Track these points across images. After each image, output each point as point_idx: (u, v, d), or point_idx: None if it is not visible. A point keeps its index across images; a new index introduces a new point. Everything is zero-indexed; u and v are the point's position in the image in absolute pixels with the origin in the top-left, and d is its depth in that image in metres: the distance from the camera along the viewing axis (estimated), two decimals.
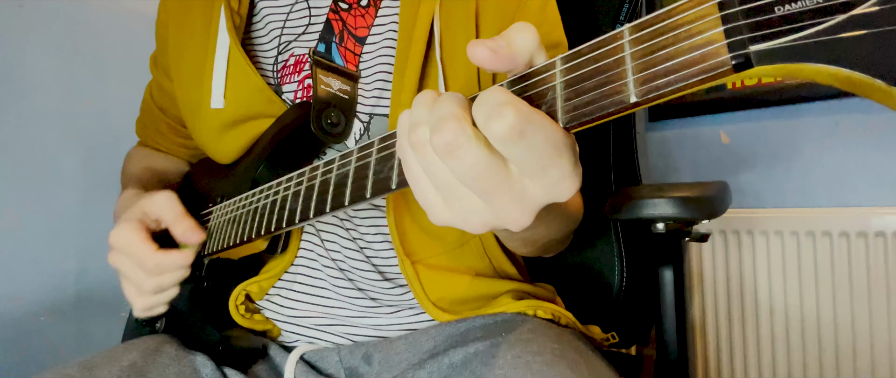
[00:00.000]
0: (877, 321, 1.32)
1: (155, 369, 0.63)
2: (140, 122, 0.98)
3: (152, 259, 0.65)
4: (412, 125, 0.36)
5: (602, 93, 0.31)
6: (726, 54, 0.27)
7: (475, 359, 0.60)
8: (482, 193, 0.34)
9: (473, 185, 0.34)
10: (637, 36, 0.31)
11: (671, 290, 0.79)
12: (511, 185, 0.34)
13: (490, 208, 0.35)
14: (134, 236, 0.66)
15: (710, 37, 0.28)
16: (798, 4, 0.26)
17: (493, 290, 0.75)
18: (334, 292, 0.73)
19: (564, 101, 0.33)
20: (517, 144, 0.32)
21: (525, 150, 0.32)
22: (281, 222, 0.57)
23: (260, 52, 0.77)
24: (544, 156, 0.33)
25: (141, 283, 0.66)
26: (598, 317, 0.87)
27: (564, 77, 0.34)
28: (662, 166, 1.67)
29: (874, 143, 1.36)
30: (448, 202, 0.37)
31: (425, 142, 0.35)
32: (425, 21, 0.70)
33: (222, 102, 0.72)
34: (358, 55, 0.74)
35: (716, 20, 0.28)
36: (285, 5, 0.77)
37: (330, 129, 0.69)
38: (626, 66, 0.31)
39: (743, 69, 0.27)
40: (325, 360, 0.73)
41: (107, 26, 1.44)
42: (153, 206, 0.69)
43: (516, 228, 0.36)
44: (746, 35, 0.27)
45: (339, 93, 0.70)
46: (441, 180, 0.35)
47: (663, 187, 0.72)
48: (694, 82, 0.28)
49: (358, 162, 0.47)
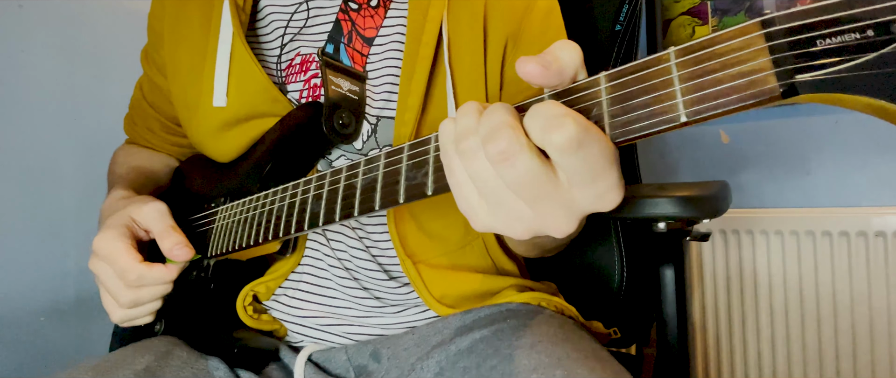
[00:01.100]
0: (877, 320, 1.32)
1: (169, 372, 0.62)
2: (129, 120, 0.96)
3: (134, 271, 0.62)
4: (461, 134, 0.37)
5: (651, 111, 0.34)
6: (775, 82, 0.30)
7: (481, 343, 0.61)
8: (531, 201, 0.36)
9: (523, 192, 0.35)
10: (684, 59, 0.33)
11: (672, 289, 0.79)
12: (560, 193, 0.36)
13: (537, 215, 0.37)
14: (118, 244, 0.63)
15: (759, 65, 0.30)
16: (838, 39, 0.28)
17: (496, 286, 0.75)
18: (340, 292, 0.73)
19: (611, 116, 0.35)
20: (575, 154, 0.33)
21: (580, 161, 0.34)
22: (302, 225, 0.56)
23: (264, 50, 0.77)
24: (596, 166, 0.34)
25: (118, 294, 0.64)
26: (598, 315, 0.88)
27: (611, 94, 0.35)
28: (662, 166, 1.67)
29: (874, 143, 1.36)
30: (493, 209, 0.38)
31: (475, 149, 0.36)
32: (434, 25, 0.70)
33: (224, 101, 0.71)
34: (365, 56, 0.74)
35: (764, 50, 0.30)
36: (291, 4, 0.77)
37: (341, 129, 0.69)
38: (675, 87, 0.33)
39: (789, 96, 0.30)
40: (332, 360, 0.73)
41: (107, 26, 1.44)
42: (142, 215, 0.66)
43: (560, 235, 0.37)
44: (792, 65, 0.29)
45: (349, 93, 0.70)
46: (489, 187, 0.37)
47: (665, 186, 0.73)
48: (744, 106, 0.31)
49: (387, 167, 0.48)
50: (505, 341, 0.59)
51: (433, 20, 0.70)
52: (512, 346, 0.57)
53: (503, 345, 0.58)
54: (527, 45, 0.75)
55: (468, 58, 0.72)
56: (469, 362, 0.59)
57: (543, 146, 0.34)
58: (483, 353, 0.58)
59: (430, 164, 0.44)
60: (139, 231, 0.67)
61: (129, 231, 0.65)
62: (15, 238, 1.32)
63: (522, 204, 0.37)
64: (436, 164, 0.43)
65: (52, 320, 1.37)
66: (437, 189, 0.43)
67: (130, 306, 0.65)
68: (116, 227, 0.65)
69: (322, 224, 0.54)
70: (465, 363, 0.59)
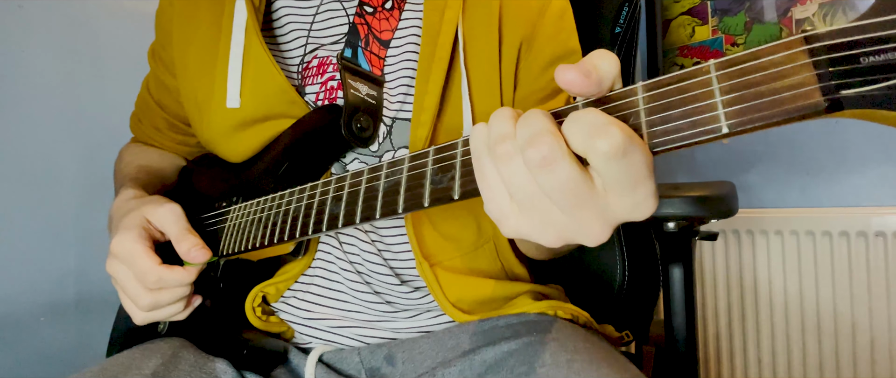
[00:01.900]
0: (877, 320, 1.33)
1: (177, 376, 0.62)
2: (134, 118, 0.95)
3: (154, 273, 0.61)
4: (496, 138, 0.37)
5: (692, 121, 0.34)
6: (820, 97, 0.30)
7: (511, 358, 0.60)
8: (568, 207, 0.36)
9: (561, 198, 0.35)
10: (725, 72, 0.33)
11: (680, 287, 0.80)
12: (596, 201, 0.36)
13: (572, 222, 0.37)
14: (137, 247, 0.62)
15: (803, 79, 0.31)
16: (883, 57, 0.29)
17: (509, 292, 0.75)
18: (351, 295, 0.73)
19: (650, 126, 0.35)
20: (619, 162, 0.33)
21: (623, 169, 0.34)
22: (320, 226, 0.56)
23: (281, 51, 0.76)
24: (637, 175, 0.34)
25: (138, 297, 0.63)
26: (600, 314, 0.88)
27: (649, 104, 0.36)
28: (662, 166, 1.68)
29: (874, 143, 1.37)
30: (525, 213, 0.38)
31: (512, 154, 0.36)
32: (450, 27, 0.70)
33: (238, 101, 0.71)
34: (382, 59, 0.74)
35: (807, 65, 0.31)
36: (308, 6, 0.76)
37: (359, 133, 0.69)
38: (716, 99, 0.33)
39: (834, 111, 0.30)
40: (345, 361, 0.73)
41: (107, 26, 1.43)
42: (157, 217, 0.66)
43: (592, 243, 0.38)
44: (835, 81, 0.30)
45: (367, 97, 0.70)
46: (525, 193, 0.37)
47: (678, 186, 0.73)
48: (787, 119, 0.31)
49: (411, 170, 0.48)
50: (538, 358, 0.58)
51: (449, 22, 0.70)
52: (546, 364, 0.57)
53: (538, 362, 0.58)
54: (540, 47, 0.76)
55: (484, 59, 0.72)
56: (498, 377, 0.58)
57: (586, 153, 0.34)
58: (515, 370, 0.58)
59: (458, 167, 0.44)
60: (155, 232, 0.66)
61: (145, 232, 0.64)
62: (15, 238, 1.32)
63: (557, 210, 0.37)
64: (463, 168, 0.43)
65: (51, 320, 1.36)
66: (464, 193, 0.43)
67: (150, 309, 0.64)
68: (133, 228, 0.64)
69: (341, 225, 0.54)
70: (493, 376, 0.59)
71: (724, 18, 1.56)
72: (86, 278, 1.40)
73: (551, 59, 0.77)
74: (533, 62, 0.76)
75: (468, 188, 0.43)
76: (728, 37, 1.55)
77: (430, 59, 0.70)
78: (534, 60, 0.76)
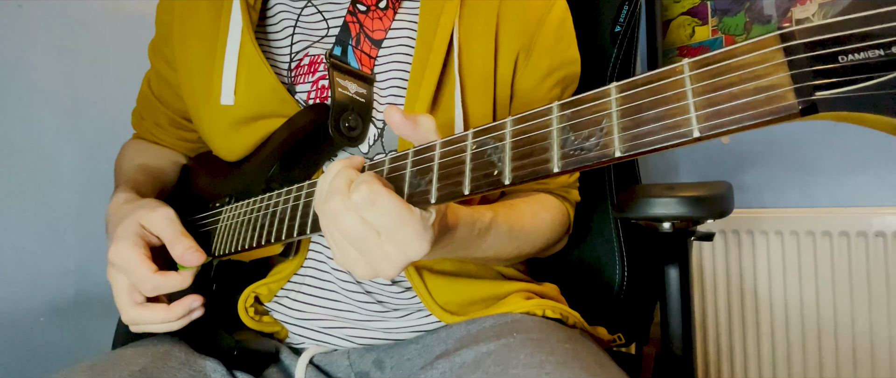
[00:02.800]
0: (877, 320, 1.33)
1: (165, 373, 0.62)
2: (136, 114, 0.94)
3: (150, 281, 0.62)
4: (324, 193, 0.48)
5: (664, 125, 0.33)
6: (794, 99, 0.29)
7: (487, 358, 0.60)
8: (360, 250, 0.47)
9: (353, 242, 0.46)
10: (698, 72, 0.32)
11: (677, 288, 0.79)
12: (379, 245, 0.45)
13: (366, 261, 0.47)
14: (133, 255, 0.62)
15: (777, 80, 0.29)
16: (861, 56, 0.27)
17: (500, 291, 0.75)
18: (343, 295, 0.72)
19: (621, 129, 0.34)
20: (371, 211, 0.44)
21: (377, 218, 0.44)
22: (304, 228, 0.56)
23: (274, 50, 0.76)
24: (390, 225, 0.44)
25: (124, 310, 0.64)
26: (599, 315, 0.88)
27: (621, 106, 0.35)
28: (662, 166, 1.68)
29: (874, 143, 1.36)
30: (338, 252, 0.49)
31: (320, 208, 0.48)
32: (446, 31, 0.70)
33: (233, 99, 0.71)
34: (373, 58, 0.73)
35: (782, 65, 0.29)
36: (301, 4, 0.76)
37: (347, 132, 0.69)
38: (689, 101, 0.32)
39: (809, 114, 0.28)
40: (334, 363, 0.73)
41: (107, 26, 1.44)
42: (151, 222, 0.65)
43: (388, 278, 0.48)
44: (812, 81, 0.28)
45: (356, 96, 0.70)
46: (330, 236, 0.48)
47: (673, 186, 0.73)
48: (760, 122, 0.30)
49: (390, 173, 0.48)
50: (512, 360, 0.58)
51: (445, 26, 0.70)
52: (519, 365, 0.56)
53: (511, 364, 0.57)
54: (539, 57, 0.75)
55: (479, 66, 0.72)
56: (474, 376, 0.58)
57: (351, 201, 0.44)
58: (489, 371, 0.57)
59: (435, 171, 0.44)
60: (150, 237, 0.66)
61: (141, 239, 0.64)
62: (15, 238, 1.32)
63: (353, 251, 0.47)
64: (440, 171, 0.44)
65: (51, 320, 1.37)
66: (440, 198, 0.43)
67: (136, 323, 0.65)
68: (128, 236, 0.64)
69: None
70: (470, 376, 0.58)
71: (724, 19, 1.55)
72: (86, 278, 1.41)
73: (549, 69, 0.77)
74: (531, 71, 0.75)
75: (444, 192, 0.43)
76: (728, 37, 1.54)
77: (424, 63, 0.69)
78: (532, 70, 0.75)
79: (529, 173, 0.39)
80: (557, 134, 0.38)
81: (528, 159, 0.39)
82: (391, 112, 0.48)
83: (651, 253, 0.97)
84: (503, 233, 0.65)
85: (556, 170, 0.37)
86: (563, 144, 0.37)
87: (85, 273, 1.41)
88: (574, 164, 0.36)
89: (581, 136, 0.36)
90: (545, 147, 0.38)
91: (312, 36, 0.75)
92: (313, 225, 0.55)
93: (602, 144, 0.35)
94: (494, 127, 0.42)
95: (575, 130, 0.37)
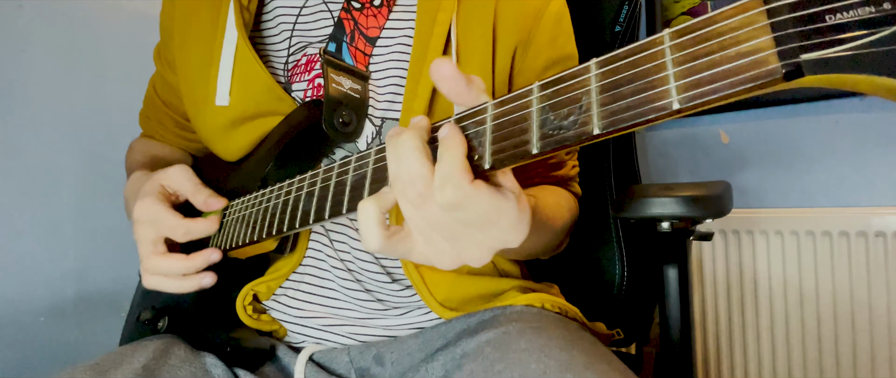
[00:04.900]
0: (876, 321, 1.33)
1: (167, 371, 0.62)
2: (143, 114, 0.96)
3: (181, 226, 0.66)
4: (393, 176, 0.43)
5: (641, 98, 0.31)
6: (777, 62, 0.27)
7: (487, 346, 0.60)
8: (446, 237, 0.42)
9: (438, 230, 0.42)
10: (678, 41, 0.31)
11: (675, 288, 0.79)
12: (471, 235, 0.42)
13: (454, 249, 0.43)
14: (159, 207, 0.66)
15: (759, 44, 0.28)
16: (850, 14, 0.25)
17: (498, 288, 0.75)
18: (342, 293, 0.73)
19: (600, 105, 0.33)
20: (455, 212, 0.40)
21: (464, 215, 0.40)
22: (293, 223, 0.56)
23: (270, 49, 0.77)
24: (479, 220, 0.40)
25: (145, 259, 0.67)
26: (599, 315, 0.88)
27: (600, 82, 0.34)
28: (662, 166, 1.68)
29: (874, 143, 1.36)
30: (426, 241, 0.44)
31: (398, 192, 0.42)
32: (443, 28, 0.70)
33: (227, 100, 0.72)
34: (368, 55, 0.73)
35: (765, 27, 0.27)
36: (297, 4, 0.77)
37: (342, 127, 0.69)
38: (668, 72, 0.30)
39: (793, 78, 0.27)
40: (334, 360, 0.73)
41: (107, 26, 1.44)
42: (169, 179, 0.69)
43: (476, 266, 0.44)
44: (797, 43, 0.26)
45: (351, 92, 0.70)
46: (414, 223, 0.43)
47: (671, 186, 0.73)
48: (742, 90, 0.28)
49: (376, 163, 0.47)
50: (512, 345, 0.58)
51: (442, 23, 0.70)
52: (519, 350, 0.57)
53: (511, 349, 0.58)
54: (536, 52, 0.75)
55: (477, 63, 0.72)
56: (475, 366, 0.58)
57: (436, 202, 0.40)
58: (490, 357, 0.58)
59: None
60: (170, 196, 0.70)
61: (163, 195, 0.68)
62: (15, 238, 1.32)
63: (440, 239, 0.43)
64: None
65: (51, 320, 1.37)
66: None
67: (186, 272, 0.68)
68: (151, 193, 0.68)
69: (312, 222, 0.54)
70: (472, 366, 0.59)
71: None
72: (86, 278, 1.41)
73: (547, 64, 0.77)
74: (528, 67, 0.75)
75: None
76: None
77: (422, 60, 0.69)
78: (529, 65, 0.75)
79: (509, 155, 0.38)
80: (537, 114, 0.37)
81: (508, 141, 0.38)
82: (441, 65, 0.41)
83: (650, 253, 0.97)
84: (540, 222, 0.66)
85: (535, 151, 0.36)
86: (542, 124, 0.36)
87: (85, 273, 1.41)
88: (553, 144, 0.35)
89: (560, 116, 0.35)
90: (524, 128, 0.37)
91: (308, 35, 0.76)
92: (302, 219, 0.55)
93: (581, 122, 0.34)
94: (476, 111, 0.41)
95: (554, 109, 0.36)
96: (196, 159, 0.94)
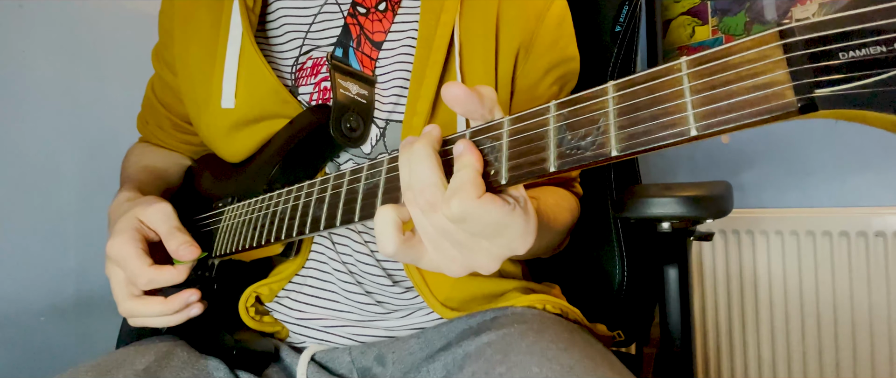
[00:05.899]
0: (877, 320, 1.33)
1: (169, 373, 0.62)
2: (141, 118, 0.95)
3: (145, 275, 0.62)
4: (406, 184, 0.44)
5: (660, 124, 0.32)
6: (793, 97, 0.28)
7: (489, 348, 0.60)
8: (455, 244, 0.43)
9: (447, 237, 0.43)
10: (696, 69, 0.31)
11: (676, 288, 0.79)
12: (478, 243, 0.43)
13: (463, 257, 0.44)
14: (129, 249, 0.63)
15: (775, 78, 0.28)
16: (863, 52, 0.26)
17: (500, 288, 0.75)
18: (343, 296, 0.73)
19: (618, 128, 0.34)
20: (462, 225, 0.41)
21: (470, 226, 0.41)
22: (303, 228, 0.56)
23: (275, 52, 0.76)
24: (486, 231, 0.41)
25: (121, 301, 0.65)
26: (599, 315, 0.88)
27: (618, 104, 0.35)
28: (662, 166, 1.68)
29: (874, 143, 1.36)
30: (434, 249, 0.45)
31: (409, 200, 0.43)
32: (446, 30, 0.70)
33: (233, 102, 0.71)
34: (374, 60, 0.73)
35: (781, 61, 0.28)
36: (305, 7, 0.76)
37: (349, 133, 0.69)
38: (686, 100, 0.31)
39: (808, 112, 0.28)
40: (336, 360, 0.73)
41: (107, 26, 1.44)
42: (147, 216, 0.66)
43: (485, 273, 0.44)
44: (811, 79, 0.27)
45: (358, 97, 0.70)
46: (424, 231, 0.44)
47: (671, 186, 0.73)
48: (758, 121, 0.29)
49: (389, 173, 0.47)
50: (514, 347, 0.59)
51: (445, 25, 0.70)
52: (521, 351, 0.57)
53: (512, 351, 0.58)
54: (538, 54, 0.75)
55: (479, 64, 0.72)
56: (477, 367, 0.58)
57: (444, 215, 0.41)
58: (491, 359, 0.58)
59: None
60: (148, 232, 0.66)
61: (139, 233, 0.65)
62: (15, 238, 1.32)
63: (449, 246, 0.43)
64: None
65: (51, 320, 1.37)
66: None
67: (134, 315, 0.65)
68: (126, 231, 0.64)
69: (323, 228, 0.54)
70: (473, 368, 0.59)
71: (724, 18, 1.55)
72: (86, 278, 1.41)
73: (549, 65, 0.77)
74: (531, 69, 0.76)
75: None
76: (728, 37, 1.54)
77: (425, 63, 0.69)
78: (532, 67, 0.76)
79: (526, 173, 0.39)
80: (554, 133, 0.38)
81: (525, 158, 0.39)
82: (452, 88, 0.42)
83: (650, 253, 0.97)
84: (542, 223, 0.66)
85: (553, 169, 0.37)
86: (559, 143, 0.37)
87: (86, 272, 1.41)
88: (571, 163, 0.36)
89: (577, 135, 0.36)
90: (542, 146, 0.38)
91: (314, 39, 0.75)
92: (312, 225, 0.55)
93: (598, 143, 0.35)
94: (492, 126, 0.42)
95: (572, 129, 0.37)
96: (195, 161, 0.93)
